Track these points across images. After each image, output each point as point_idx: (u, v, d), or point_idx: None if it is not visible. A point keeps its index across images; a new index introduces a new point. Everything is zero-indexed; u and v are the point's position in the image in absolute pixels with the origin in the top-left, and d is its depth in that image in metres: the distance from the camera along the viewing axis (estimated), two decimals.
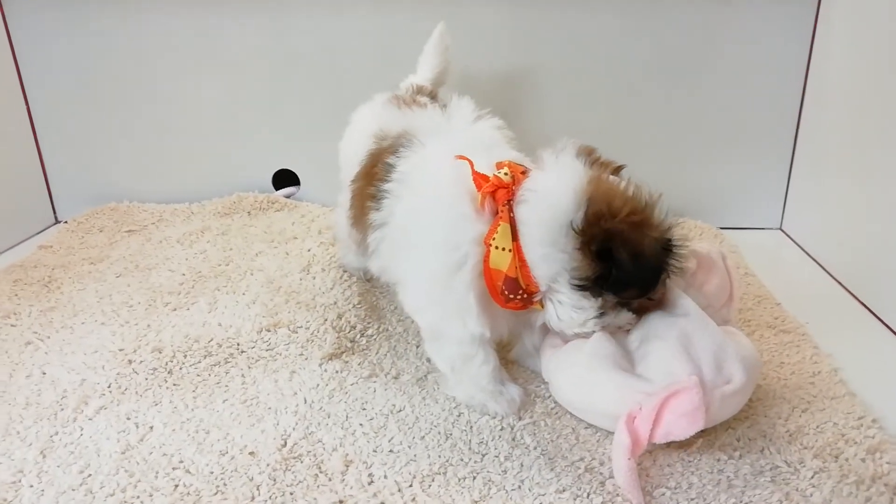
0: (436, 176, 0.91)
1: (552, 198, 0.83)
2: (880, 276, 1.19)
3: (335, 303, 1.18)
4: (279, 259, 1.37)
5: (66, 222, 1.61)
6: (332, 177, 1.68)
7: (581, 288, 0.83)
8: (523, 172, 0.88)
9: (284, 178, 1.71)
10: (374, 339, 1.09)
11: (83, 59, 1.61)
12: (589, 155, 0.89)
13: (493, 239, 0.84)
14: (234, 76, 1.61)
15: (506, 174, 0.86)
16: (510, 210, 0.84)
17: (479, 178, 0.87)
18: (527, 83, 1.57)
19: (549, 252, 0.82)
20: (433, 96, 1.26)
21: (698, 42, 1.50)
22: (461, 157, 0.88)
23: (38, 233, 1.63)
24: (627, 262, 0.80)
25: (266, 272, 1.31)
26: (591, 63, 1.53)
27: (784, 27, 1.47)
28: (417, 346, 1.07)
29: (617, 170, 0.90)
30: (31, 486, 0.78)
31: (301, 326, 1.10)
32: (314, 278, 1.28)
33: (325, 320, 1.11)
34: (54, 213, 1.71)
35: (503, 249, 0.84)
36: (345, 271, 1.30)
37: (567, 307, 0.85)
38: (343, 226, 1.17)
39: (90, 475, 0.80)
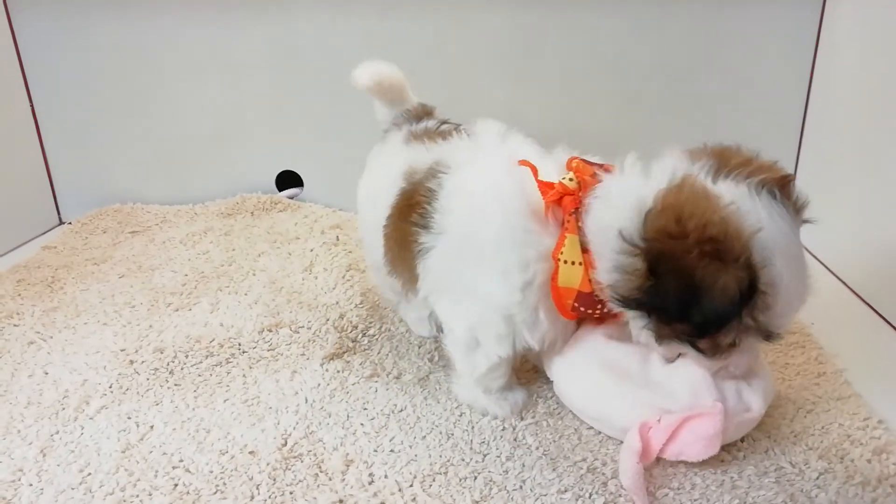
0: (492, 188, 0.83)
1: (614, 206, 0.74)
2: (886, 277, 1.18)
3: (337, 303, 1.18)
4: (281, 259, 1.37)
5: (69, 223, 1.62)
6: (334, 178, 1.69)
7: (623, 305, 0.74)
8: (592, 175, 0.80)
9: (288, 180, 1.71)
10: (376, 339, 1.09)
11: (87, 62, 1.62)
12: (721, 157, 0.76)
13: (561, 253, 0.77)
14: (237, 78, 1.62)
15: (571, 180, 0.79)
16: (577, 219, 0.77)
17: (544, 186, 0.80)
18: (529, 85, 1.56)
19: (606, 265, 0.75)
20: (430, 113, 1.16)
21: (702, 43, 1.50)
22: (524, 163, 0.82)
23: (43, 234, 1.63)
24: (673, 294, 0.69)
25: (268, 272, 1.31)
26: (594, 65, 1.53)
27: (788, 28, 1.46)
28: (419, 347, 1.06)
29: (783, 181, 0.73)
30: (31, 485, 0.78)
31: (303, 326, 1.10)
32: (316, 278, 1.28)
33: (327, 320, 1.11)
34: (58, 214, 1.71)
35: (573, 264, 0.77)
36: (347, 271, 1.29)
37: (635, 323, 0.78)
38: (384, 283, 1.09)
39: (90, 474, 0.80)
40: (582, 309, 0.80)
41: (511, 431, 0.87)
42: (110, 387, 0.96)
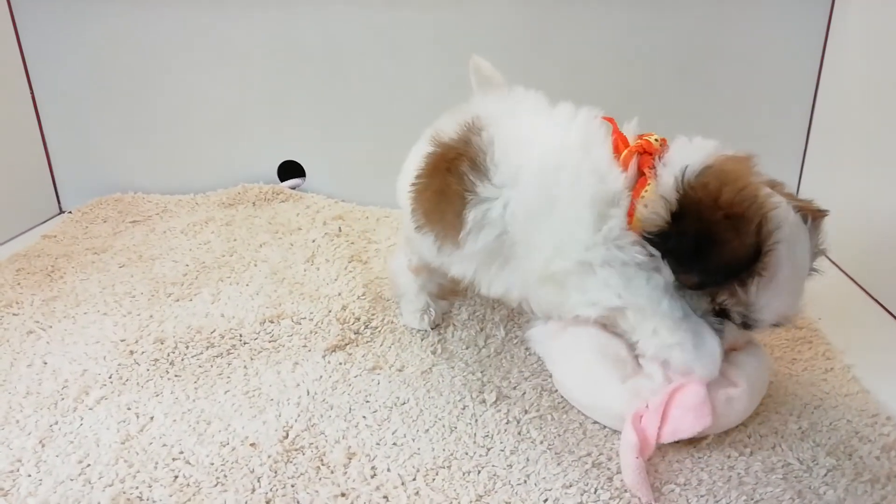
0: (566, 130, 0.89)
1: (686, 161, 0.79)
2: (894, 272, 1.17)
3: (339, 294, 1.17)
4: (283, 250, 1.35)
5: (70, 212, 1.61)
6: (337, 169, 1.68)
7: (651, 243, 0.79)
8: (663, 144, 0.86)
9: (290, 170, 1.70)
10: (379, 331, 1.08)
11: (88, 51, 1.60)
12: (773, 184, 0.82)
13: (641, 197, 0.81)
14: (240, 68, 1.60)
15: (656, 140, 0.85)
16: (656, 174, 0.82)
17: (621, 139, 0.86)
18: (535, 78, 1.53)
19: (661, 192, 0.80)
20: None
21: (709, 38, 1.48)
22: (606, 118, 0.88)
23: (43, 223, 1.62)
24: (689, 238, 0.75)
25: (270, 263, 1.29)
26: (600, 59, 1.51)
27: (798, 23, 1.44)
28: (422, 339, 1.05)
29: (818, 214, 0.81)
30: (29, 476, 0.77)
31: (304, 318, 1.09)
32: (318, 269, 1.26)
33: (329, 311, 1.10)
34: (59, 203, 1.70)
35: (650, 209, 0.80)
36: (349, 262, 1.28)
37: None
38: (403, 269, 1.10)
39: (89, 465, 0.79)
40: None
41: (515, 425, 0.86)
42: (110, 377, 0.95)
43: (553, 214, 0.86)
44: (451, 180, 0.93)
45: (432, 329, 1.08)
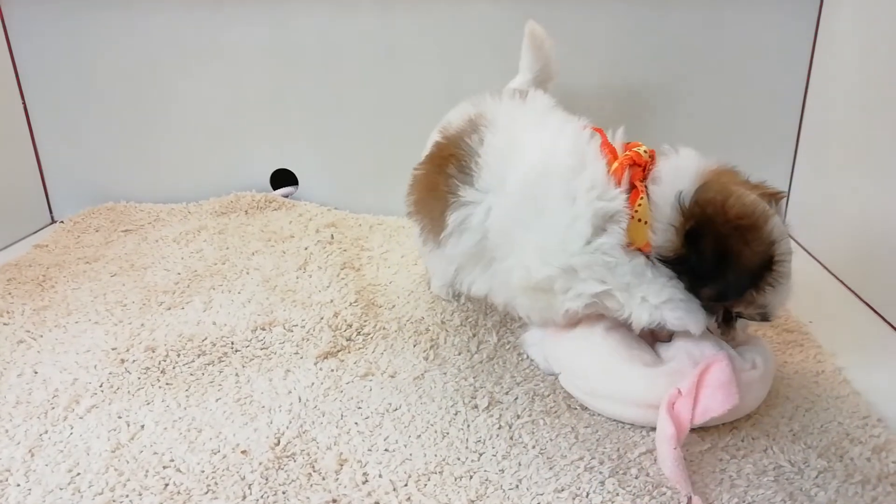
0: (555, 140, 0.90)
1: (677, 179, 0.82)
2: (884, 275, 1.17)
3: (331, 301, 1.17)
4: (276, 257, 1.35)
5: (62, 222, 1.60)
6: (329, 177, 1.69)
7: (665, 264, 0.82)
8: (652, 156, 0.87)
9: (282, 178, 1.70)
10: (371, 338, 1.07)
11: (80, 58, 1.60)
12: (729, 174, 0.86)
13: (635, 211, 0.83)
14: (232, 75, 1.61)
15: (645, 152, 0.86)
16: (647, 188, 0.84)
17: (610, 150, 0.87)
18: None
19: (660, 226, 0.82)
20: None
21: (700, 41, 1.49)
22: (595, 129, 0.90)
23: (34, 232, 1.61)
24: (709, 256, 0.78)
25: (262, 271, 1.29)
26: (591, 62, 1.52)
27: (787, 24, 1.45)
28: (415, 345, 1.05)
29: (777, 196, 0.86)
30: (18, 485, 0.77)
31: (296, 325, 1.08)
32: (310, 277, 1.26)
33: (321, 318, 1.10)
34: (50, 212, 1.70)
35: (643, 223, 0.83)
36: (342, 269, 1.28)
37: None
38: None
39: (79, 474, 0.78)
40: None
41: (507, 430, 0.86)
42: (101, 386, 0.95)
43: (540, 224, 0.88)
44: (440, 180, 0.96)
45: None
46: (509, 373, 0.98)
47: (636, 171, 0.85)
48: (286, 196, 1.68)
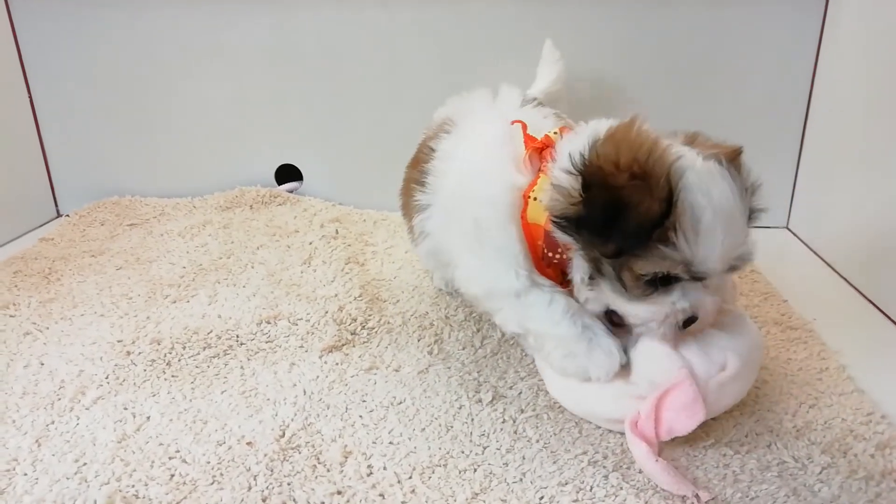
0: (480, 141, 0.93)
1: (573, 145, 0.81)
2: (888, 273, 1.17)
3: (336, 295, 1.17)
4: (280, 252, 1.36)
5: (67, 216, 1.61)
6: (334, 172, 1.69)
7: (557, 226, 0.80)
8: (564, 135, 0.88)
9: (287, 173, 1.70)
10: (375, 332, 1.08)
11: (86, 54, 1.61)
12: (691, 137, 0.84)
13: (532, 191, 0.84)
14: (237, 72, 1.61)
15: (556, 133, 0.87)
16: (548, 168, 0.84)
17: (530, 139, 0.89)
18: (531, 79, 1.56)
19: (555, 183, 0.81)
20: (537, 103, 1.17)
21: (705, 39, 1.49)
22: (517, 122, 0.91)
23: (40, 226, 1.62)
24: (600, 208, 0.75)
25: (267, 265, 1.30)
26: (596, 59, 1.52)
27: (792, 25, 1.45)
28: (419, 339, 1.06)
29: (732, 154, 0.81)
30: (26, 475, 0.77)
31: (301, 318, 1.09)
32: (315, 271, 1.27)
33: (326, 312, 1.10)
34: (56, 206, 1.70)
35: (537, 201, 0.84)
36: (346, 264, 1.29)
37: (577, 265, 0.83)
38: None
39: (85, 464, 0.79)
40: (549, 254, 0.85)
41: (511, 424, 0.86)
42: (107, 378, 0.95)
43: (465, 241, 0.92)
44: (412, 182, 1.02)
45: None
46: (513, 368, 0.98)
47: (548, 153, 0.86)
48: (291, 191, 1.68)
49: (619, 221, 0.74)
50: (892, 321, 1.14)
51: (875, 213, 1.22)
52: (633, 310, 0.81)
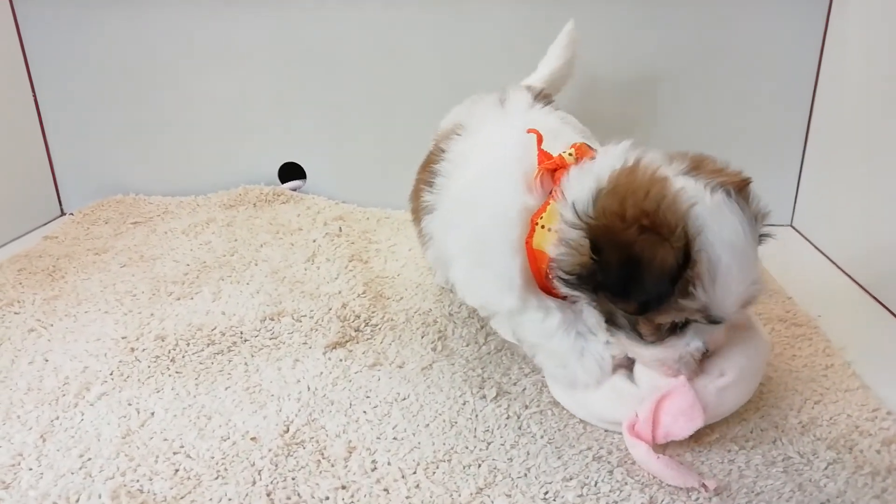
0: (494, 149, 0.90)
1: (580, 182, 0.77)
2: (892, 270, 1.17)
3: (339, 292, 1.17)
4: (284, 249, 1.36)
5: (71, 214, 1.61)
6: (337, 170, 1.69)
7: (567, 283, 0.77)
8: (592, 158, 0.82)
9: (291, 172, 1.70)
10: (379, 329, 1.08)
11: (91, 53, 1.61)
12: (697, 162, 0.76)
13: (541, 218, 0.80)
14: (241, 70, 1.61)
15: (570, 155, 0.81)
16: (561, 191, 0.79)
17: (543, 155, 0.83)
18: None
19: (556, 239, 0.78)
20: (545, 98, 1.10)
21: (708, 38, 1.49)
22: (532, 131, 0.86)
23: (44, 224, 1.63)
24: (616, 268, 0.71)
25: (270, 262, 1.30)
26: (601, 58, 1.52)
27: (796, 22, 1.45)
28: (423, 336, 1.06)
29: (741, 184, 0.75)
30: (31, 469, 0.77)
31: (305, 315, 1.09)
32: (318, 268, 1.27)
33: (330, 309, 1.10)
34: (60, 205, 1.71)
35: (548, 230, 0.79)
36: (350, 261, 1.29)
37: (589, 312, 0.82)
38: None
39: (90, 459, 0.79)
40: (551, 278, 0.81)
41: (516, 420, 0.86)
42: (111, 374, 0.95)
43: (456, 239, 0.91)
44: (420, 186, 1.00)
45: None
46: (517, 364, 0.98)
47: (560, 175, 0.81)
48: (294, 189, 1.68)
49: (636, 279, 0.70)
50: None
51: (879, 210, 1.22)
52: (648, 354, 0.79)
